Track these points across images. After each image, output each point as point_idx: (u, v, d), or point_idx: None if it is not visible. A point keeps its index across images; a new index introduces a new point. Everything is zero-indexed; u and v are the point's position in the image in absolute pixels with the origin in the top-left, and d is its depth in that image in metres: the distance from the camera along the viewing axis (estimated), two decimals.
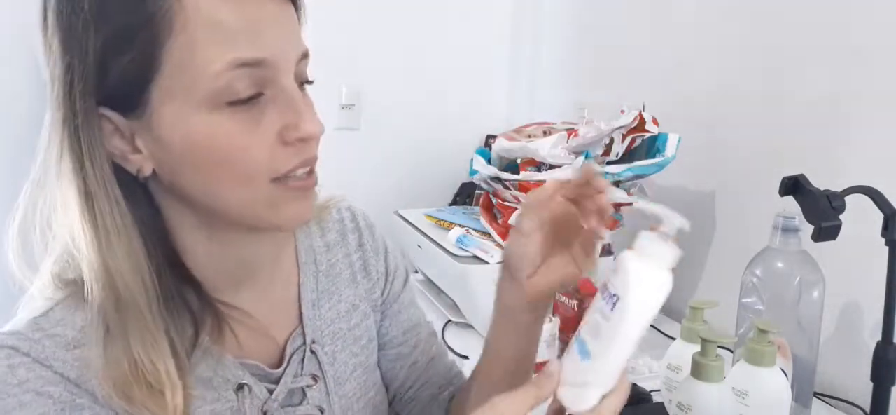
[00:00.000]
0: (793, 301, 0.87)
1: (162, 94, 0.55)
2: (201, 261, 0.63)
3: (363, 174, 1.85)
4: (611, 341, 0.52)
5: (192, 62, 0.53)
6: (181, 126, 0.55)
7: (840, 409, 1.04)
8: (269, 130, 0.57)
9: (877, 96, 1.03)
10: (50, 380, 0.56)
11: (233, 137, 0.55)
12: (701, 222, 1.35)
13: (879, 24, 1.02)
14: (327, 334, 0.74)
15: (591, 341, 0.54)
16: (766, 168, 1.10)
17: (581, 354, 0.54)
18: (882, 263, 0.85)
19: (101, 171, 0.56)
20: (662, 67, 1.48)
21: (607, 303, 0.53)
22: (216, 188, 0.57)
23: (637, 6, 1.57)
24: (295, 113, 0.57)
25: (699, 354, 0.76)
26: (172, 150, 0.56)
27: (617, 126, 1.18)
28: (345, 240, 0.79)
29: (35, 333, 0.57)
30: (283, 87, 0.57)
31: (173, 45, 0.53)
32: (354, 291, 0.78)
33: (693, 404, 0.74)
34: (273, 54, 0.56)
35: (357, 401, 0.75)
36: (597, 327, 0.53)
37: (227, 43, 0.54)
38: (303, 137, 0.57)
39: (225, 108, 0.55)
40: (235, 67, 0.54)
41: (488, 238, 1.27)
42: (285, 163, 0.58)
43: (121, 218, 0.57)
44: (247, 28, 0.54)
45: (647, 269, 0.52)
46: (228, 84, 0.54)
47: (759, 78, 1.23)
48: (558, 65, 1.91)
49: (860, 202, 0.85)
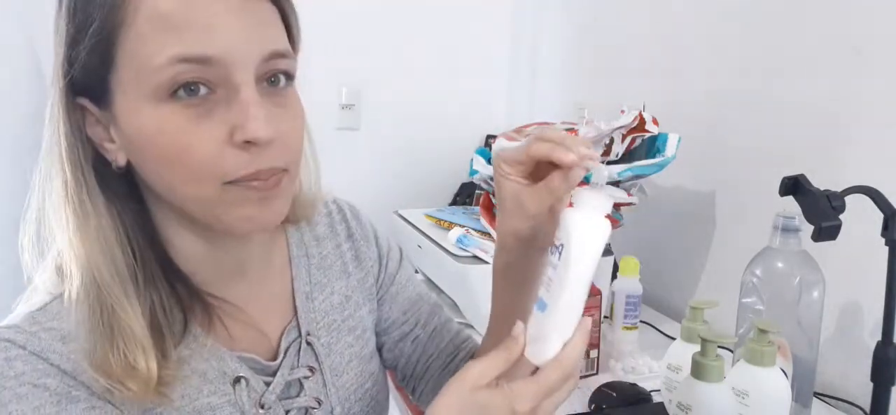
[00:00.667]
0: (793, 301, 0.87)
1: (118, 86, 0.55)
2: (186, 254, 0.64)
3: (363, 174, 1.85)
4: (561, 288, 0.56)
5: (139, 55, 0.54)
6: (134, 118, 0.55)
7: (840, 409, 1.04)
8: (215, 129, 0.55)
9: (877, 96, 1.03)
10: (46, 372, 0.56)
11: (176, 133, 0.54)
12: (701, 222, 1.35)
13: (879, 24, 1.02)
14: (322, 325, 0.74)
15: (545, 293, 0.58)
16: (766, 168, 1.10)
17: (538, 308, 0.58)
18: (882, 263, 0.85)
19: (76, 156, 0.58)
20: (662, 67, 1.48)
21: (554, 254, 0.57)
22: (170, 184, 0.57)
23: (637, 6, 1.57)
24: (241, 113, 0.54)
25: (699, 354, 0.76)
26: (132, 142, 0.57)
27: (617, 126, 1.18)
28: (334, 232, 0.80)
29: (31, 326, 0.58)
30: (235, 85, 0.55)
31: (125, 37, 0.54)
32: (347, 283, 0.78)
33: (693, 404, 0.74)
34: (223, 51, 0.54)
35: (354, 392, 0.75)
36: (548, 280, 0.57)
37: (171, 37, 0.53)
38: (247, 139, 0.54)
39: (170, 102, 0.54)
40: (177, 62, 0.53)
41: (488, 238, 1.27)
42: (235, 168, 0.55)
43: (91, 203, 0.58)
44: (194, 23, 0.53)
45: (585, 216, 0.57)
46: (172, 79, 0.53)
47: (759, 78, 1.23)
48: (558, 65, 1.91)
49: (860, 202, 0.85)
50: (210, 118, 0.55)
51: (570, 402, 1.03)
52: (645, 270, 1.20)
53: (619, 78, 1.65)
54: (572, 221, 0.57)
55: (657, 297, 1.43)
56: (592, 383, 1.05)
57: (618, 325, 1.19)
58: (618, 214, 1.25)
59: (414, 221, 1.45)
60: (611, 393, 1.00)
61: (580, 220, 0.57)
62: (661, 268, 1.42)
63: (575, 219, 0.57)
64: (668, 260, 1.43)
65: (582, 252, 0.56)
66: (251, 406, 0.65)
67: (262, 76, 0.57)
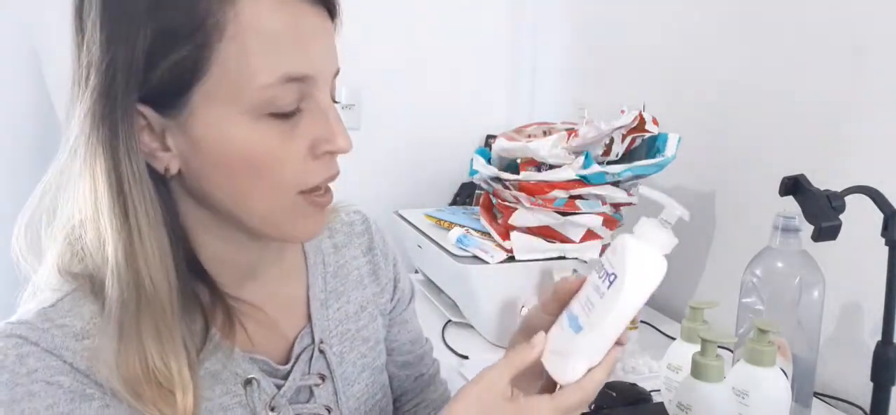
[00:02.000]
0: (793, 301, 0.87)
1: (205, 97, 0.55)
2: (214, 258, 0.64)
3: (363, 174, 1.85)
4: (603, 317, 0.54)
5: (241, 70, 0.54)
6: (219, 131, 0.55)
7: (840, 409, 1.04)
8: (302, 142, 0.58)
9: (877, 96, 1.03)
10: (59, 370, 0.56)
11: (270, 149, 0.56)
12: (701, 222, 1.35)
13: (879, 24, 1.02)
14: (335, 334, 0.74)
15: (582, 315, 0.56)
16: (766, 168, 1.10)
17: (572, 326, 0.56)
18: (882, 263, 0.85)
19: (138, 166, 0.56)
20: (662, 67, 1.48)
21: (604, 281, 0.55)
22: (243, 196, 0.58)
23: (637, 6, 1.57)
24: (328, 128, 0.58)
25: (699, 354, 0.76)
26: (205, 153, 0.56)
27: (617, 126, 1.18)
28: (352, 243, 0.79)
29: (43, 323, 0.57)
30: (318, 100, 0.58)
31: (223, 51, 0.53)
32: (362, 294, 0.78)
33: (693, 404, 0.74)
34: (317, 69, 0.57)
35: (364, 402, 0.75)
36: (590, 303, 0.55)
37: (277, 55, 0.55)
38: (333, 151, 0.59)
39: (266, 118, 0.56)
40: (285, 81, 0.55)
41: (488, 238, 1.27)
42: (314, 176, 0.59)
43: (154, 214, 0.57)
44: (296, 41, 0.55)
45: (647, 251, 0.54)
46: (274, 97, 0.55)
47: (759, 78, 1.23)
48: (558, 65, 1.91)
49: (860, 202, 0.85)
50: (296, 133, 0.57)
51: None
52: None
53: (619, 78, 1.65)
54: (632, 253, 0.54)
55: (657, 297, 1.43)
56: None
57: None
58: (618, 214, 1.25)
59: (414, 221, 1.45)
60: (611, 393, 1.00)
61: (643, 256, 0.54)
62: None
63: (636, 252, 0.54)
64: (668, 260, 1.43)
65: (636, 291, 0.54)
66: (262, 408, 0.65)
67: (330, 92, 0.61)
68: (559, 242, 1.22)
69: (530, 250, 1.21)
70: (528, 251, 1.21)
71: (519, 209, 1.21)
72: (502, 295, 1.21)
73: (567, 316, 0.58)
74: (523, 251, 1.21)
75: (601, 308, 0.54)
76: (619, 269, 0.54)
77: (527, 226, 1.21)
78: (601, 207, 1.20)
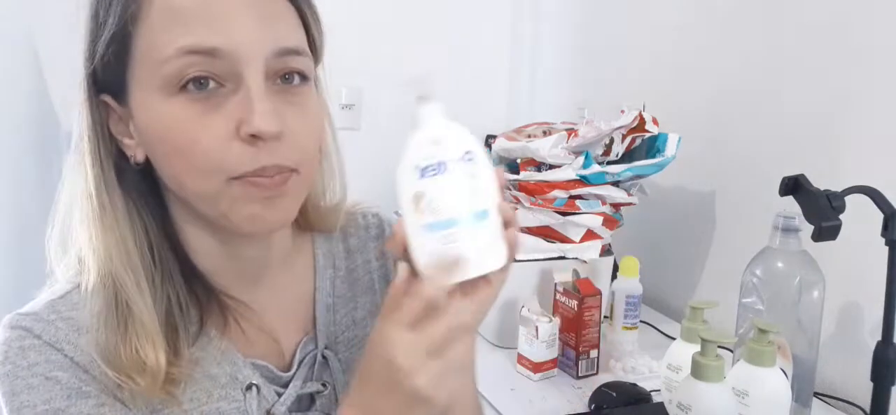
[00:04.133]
0: (793, 301, 0.87)
1: (134, 80, 0.56)
2: (203, 253, 0.63)
3: (363, 174, 1.84)
4: (490, 182, 0.54)
5: (151, 47, 0.54)
6: (146, 112, 0.56)
7: (840, 409, 1.04)
8: (222, 123, 0.54)
9: (877, 96, 1.03)
10: (59, 364, 0.57)
11: (184, 127, 0.54)
12: (701, 222, 1.35)
13: (879, 24, 1.02)
14: (341, 340, 0.72)
15: (471, 202, 0.52)
16: (766, 168, 1.10)
17: (478, 218, 0.52)
18: (882, 263, 0.85)
19: (96, 151, 0.58)
20: (662, 68, 1.48)
21: (464, 161, 0.53)
22: (178, 178, 0.57)
23: (637, 7, 1.57)
24: (247, 106, 0.54)
25: (699, 354, 0.76)
26: (144, 136, 0.57)
27: (617, 126, 1.18)
28: (366, 247, 0.77)
29: (50, 314, 0.58)
30: (245, 79, 0.54)
31: (140, 32, 0.55)
32: (372, 299, 0.76)
33: (693, 404, 0.74)
34: (232, 44, 0.54)
35: None
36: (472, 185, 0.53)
37: (180, 28, 0.54)
38: (252, 132, 0.54)
39: (179, 95, 0.54)
40: (184, 54, 0.53)
41: None
42: (240, 163, 0.55)
43: (109, 197, 0.59)
44: (204, 15, 0.54)
45: (450, 123, 0.54)
46: (180, 71, 0.54)
47: (759, 78, 1.23)
48: (558, 65, 1.91)
49: (860, 202, 0.85)
50: (217, 112, 0.54)
51: (570, 402, 1.03)
52: (645, 270, 1.20)
53: (619, 78, 1.65)
54: (449, 128, 0.54)
55: (657, 297, 1.43)
56: (592, 383, 1.05)
57: (618, 325, 1.19)
58: (618, 214, 1.25)
59: None
60: (611, 393, 1.00)
61: (451, 126, 0.54)
62: (661, 268, 1.42)
63: (448, 125, 0.54)
64: (668, 260, 1.43)
65: (474, 146, 0.54)
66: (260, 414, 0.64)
67: (273, 73, 0.56)
68: (559, 242, 1.22)
69: (530, 250, 1.21)
70: (528, 251, 1.21)
71: (519, 209, 1.21)
72: (502, 295, 1.20)
73: (445, 222, 0.52)
74: (523, 251, 1.21)
75: (484, 179, 0.53)
76: (464, 145, 0.53)
77: (527, 226, 1.21)
78: (601, 207, 1.20)
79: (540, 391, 1.07)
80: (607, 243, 1.26)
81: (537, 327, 1.09)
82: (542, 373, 1.10)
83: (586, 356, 1.12)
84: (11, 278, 1.55)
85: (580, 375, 1.12)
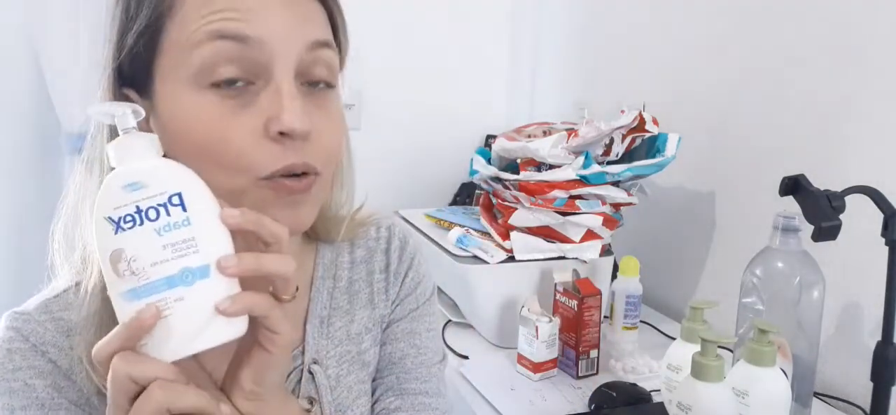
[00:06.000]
0: (793, 301, 0.87)
1: (162, 72, 0.55)
2: None
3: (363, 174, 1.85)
4: (210, 230, 0.47)
5: (182, 34, 0.54)
6: (173, 106, 0.55)
7: (840, 409, 1.04)
8: (252, 120, 0.54)
9: (877, 96, 1.03)
10: (40, 371, 0.57)
11: (214, 123, 0.53)
12: (701, 222, 1.35)
13: (879, 24, 1.02)
14: (333, 355, 0.69)
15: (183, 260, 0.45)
16: (766, 168, 1.10)
17: (193, 277, 0.45)
18: (882, 263, 0.85)
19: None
20: (662, 67, 1.48)
21: (172, 206, 0.45)
22: (203, 176, 0.54)
23: (637, 6, 1.57)
24: (277, 103, 0.53)
25: (699, 354, 0.76)
26: (169, 132, 0.55)
27: (617, 126, 1.18)
28: (371, 259, 0.74)
29: (41, 315, 0.58)
30: (274, 75, 0.54)
31: (172, 23, 0.54)
32: (371, 314, 0.73)
33: (693, 404, 0.74)
34: (263, 35, 0.53)
35: None
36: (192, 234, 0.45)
37: (213, 16, 0.53)
38: (281, 131, 0.53)
39: (209, 89, 0.53)
40: (216, 38, 0.52)
41: (488, 238, 1.27)
42: (270, 162, 0.54)
43: None
44: (239, 5, 0.53)
45: (154, 163, 0.47)
46: (212, 60, 0.53)
47: (760, 78, 1.23)
48: (558, 65, 1.91)
49: (860, 202, 0.85)
50: (247, 110, 0.54)
51: (570, 402, 1.03)
52: (645, 270, 1.20)
53: (619, 78, 1.65)
54: (164, 167, 0.47)
55: (657, 297, 1.43)
56: (592, 383, 1.05)
57: (618, 325, 1.19)
58: (618, 214, 1.25)
59: (414, 221, 1.45)
60: (611, 393, 1.00)
61: (163, 163, 0.48)
62: (661, 268, 1.42)
63: (161, 163, 0.47)
64: (668, 260, 1.43)
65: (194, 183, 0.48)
66: None
67: (302, 72, 0.56)
68: (559, 242, 1.22)
69: (530, 250, 1.21)
70: (528, 251, 1.21)
71: (519, 209, 1.21)
72: (502, 295, 1.21)
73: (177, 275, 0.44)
74: (523, 251, 1.21)
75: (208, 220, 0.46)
76: (174, 185, 0.46)
77: (527, 226, 1.21)
78: (601, 207, 1.20)
79: (540, 391, 1.07)
80: (607, 243, 1.26)
81: (537, 327, 1.09)
82: (542, 373, 1.10)
83: (586, 356, 1.12)
84: (11, 278, 1.56)
85: (580, 375, 1.12)
